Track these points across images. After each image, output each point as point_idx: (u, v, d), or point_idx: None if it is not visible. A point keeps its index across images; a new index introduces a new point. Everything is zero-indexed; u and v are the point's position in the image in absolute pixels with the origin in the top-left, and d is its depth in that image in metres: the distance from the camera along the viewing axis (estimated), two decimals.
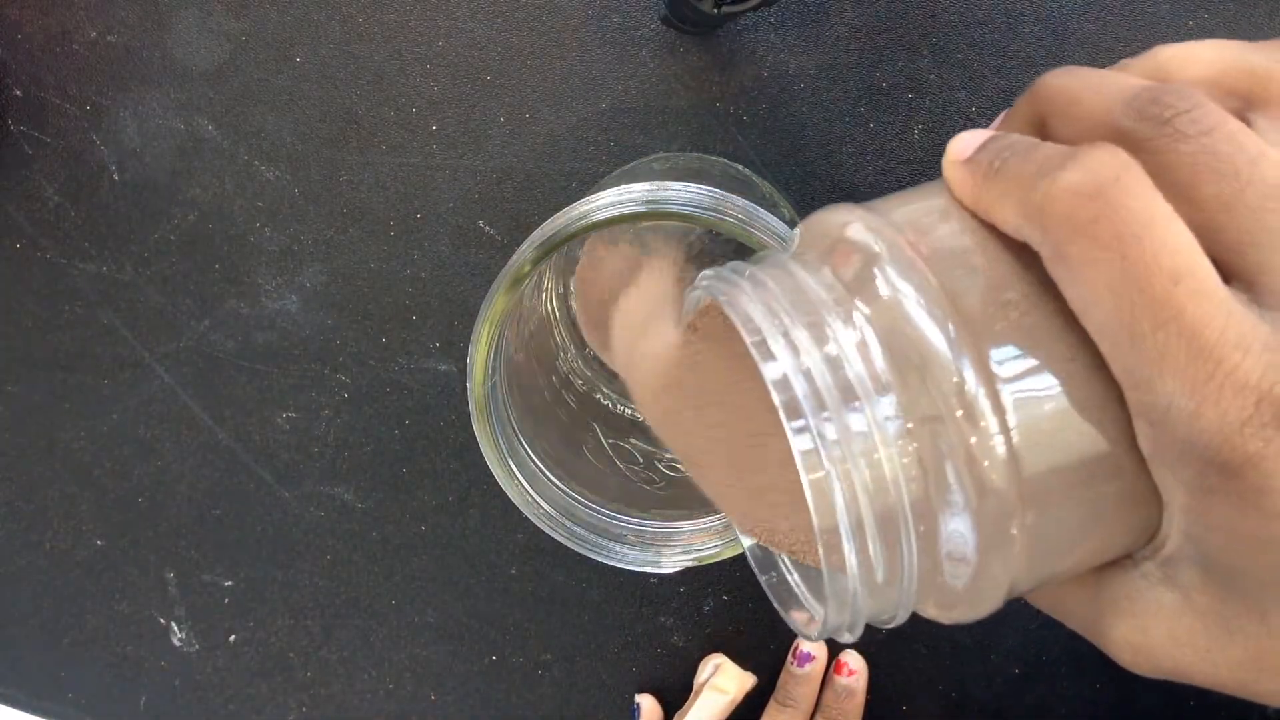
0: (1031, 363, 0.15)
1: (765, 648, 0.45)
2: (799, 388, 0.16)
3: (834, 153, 0.40)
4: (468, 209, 0.41)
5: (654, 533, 0.31)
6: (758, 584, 0.21)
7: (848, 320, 0.16)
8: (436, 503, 0.44)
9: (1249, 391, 0.13)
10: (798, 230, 0.18)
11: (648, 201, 0.26)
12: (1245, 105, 0.16)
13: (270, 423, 0.44)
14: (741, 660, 0.44)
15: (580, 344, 0.41)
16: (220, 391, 0.44)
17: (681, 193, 0.26)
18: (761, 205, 0.27)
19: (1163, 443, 0.14)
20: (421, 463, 0.44)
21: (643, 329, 0.21)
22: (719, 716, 0.42)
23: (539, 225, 0.27)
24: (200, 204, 0.42)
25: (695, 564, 0.30)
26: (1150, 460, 0.15)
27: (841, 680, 0.44)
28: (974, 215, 0.17)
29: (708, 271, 0.18)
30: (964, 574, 0.15)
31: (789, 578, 0.20)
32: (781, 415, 0.16)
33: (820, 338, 0.16)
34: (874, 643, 0.45)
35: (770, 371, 0.16)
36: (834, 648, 0.45)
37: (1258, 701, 0.16)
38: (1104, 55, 0.39)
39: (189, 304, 0.43)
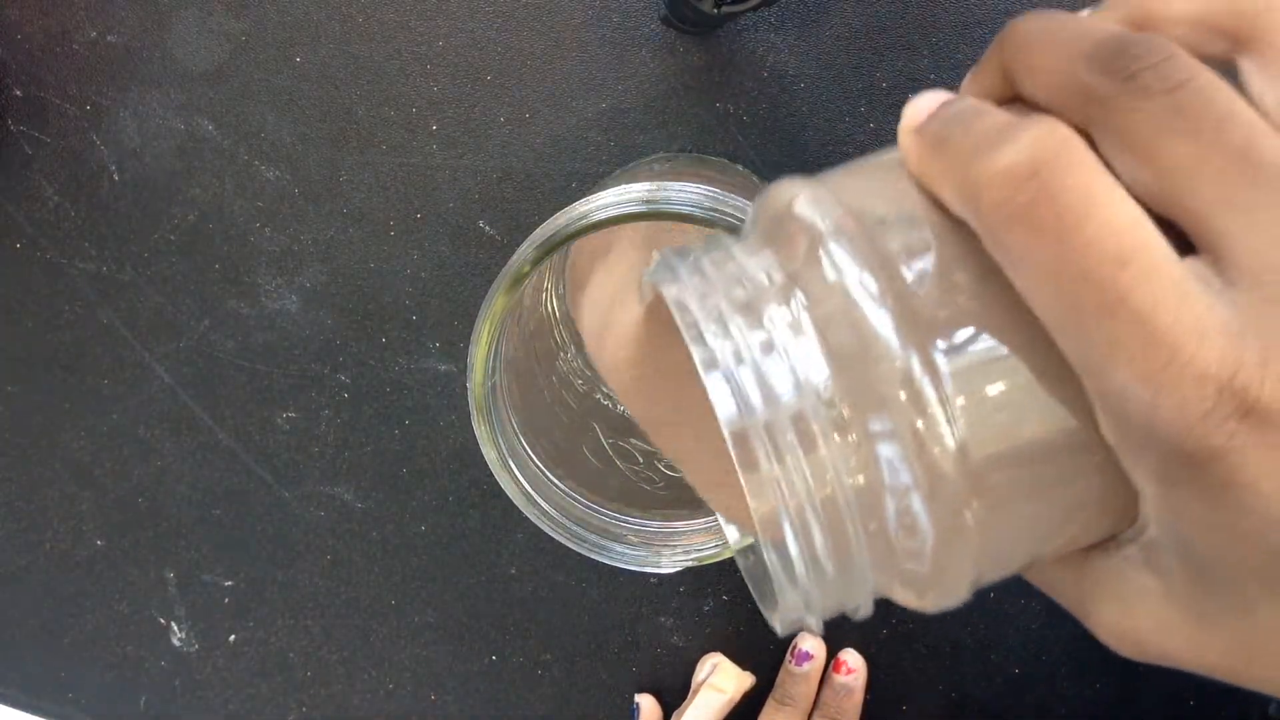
0: (979, 349, 0.14)
1: (765, 647, 0.45)
2: (730, 374, 0.15)
3: (834, 153, 0.40)
4: (468, 209, 0.41)
5: (654, 533, 0.31)
6: None
7: (785, 304, 0.15)
8: (436, 503, 0.44)
9: (1208, 381, 0.12)
10: (753, 204, 0.18)
11: (648, 201, 0.26)
12: (1232, 46, 0.15)
13: (270, 423, 0.44)
14: (741, 660, 0.44)
15: (580, 344, 0.41)
16: (220, 391, 0.44)
17: (681, 193, 0.26)
18: None
19: (1123, 432, 0.14)
20: (421, 463, 0.44)
21: (609, 307, 0.21)
22: (717, 715, 0.42)
23: (539, 225, 0.27)
24: (200, 204, 0.42)
25: (695, 564, 0.30)
26: (1115, 448, 0.14)
27: (840, 679, 0.44)
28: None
29: (657, 254, 0.18)
30: (922, 560, 0.15)
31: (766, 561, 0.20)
32: (713, 403, 0.15)
33: (755, 323, 0.15)
34: (874, 642, 0.45)
35: (700, 357, 0.15)
36: (833, 646, 0.45)
37: (1250, 688, 0.15)
38: None
39: (189, 304, 0.43)
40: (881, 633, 0.45)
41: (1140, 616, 0.15)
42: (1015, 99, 0.16)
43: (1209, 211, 0.13)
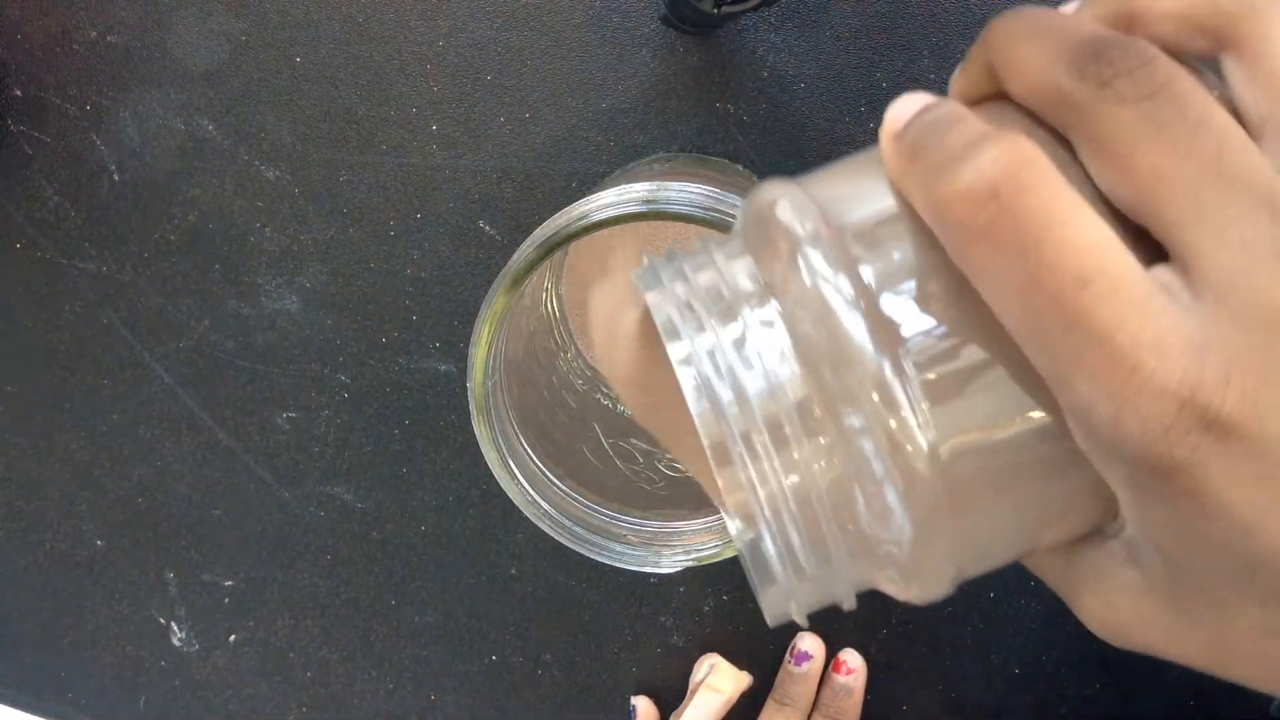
0: (951, 355, 0.15)
1: (765, 647, 0.45)
2: (703, 374, 0.16)
3: (834, 153, 0.40)
4: (468, 209, 0.41)
5: (654, 533, 0.31)
6: None
7: (761, 308, 0.16)
8: (436, 503, 0.44)
9: (1168, 398, 0.13)
10: (745, 206, 0.18)
11: (648, 201, 0.26)
12: (1215, 45, 0.15)
13: (270, 423, 0.44)
14: (741, 660, 0.44)
15: (580, 344, 0.41)
16: (220, 391, 0.44)
17: (681, 193, 0.26)
18: None
19: (1092, 442, 0.14)
20: (421, 463, 0.44)
21: (612, 311, 0.21)
22: (715, 716, 0.42)
23: (539, 225, 0.27)
24: (200, 204, 0.42)
25: (695, 564, 0.30)
26: (1087, 454, 0.14)
27: (840, 679, 0.44)
28: None
29: (646, 260, 0.18)
30: (901, 552, 0.15)
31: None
32: (687, 401, 0.16)
33: (730, 325, 0.16)
34: (874, 642, 0.45)
35: (675, 357, 0.16)
36: (833, 646, 0.45)
37: (1234, 683, 0.15)
38: None
39: (189, 304, 0.43)
40: (881, 633, 0.45)
41: (1122, 609, 0.16)
42: (1003, 96, 0.16)
43: (1178, 223, 0.13)
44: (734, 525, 0.18)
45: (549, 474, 0.31)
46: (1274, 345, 0.13)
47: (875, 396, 0.14)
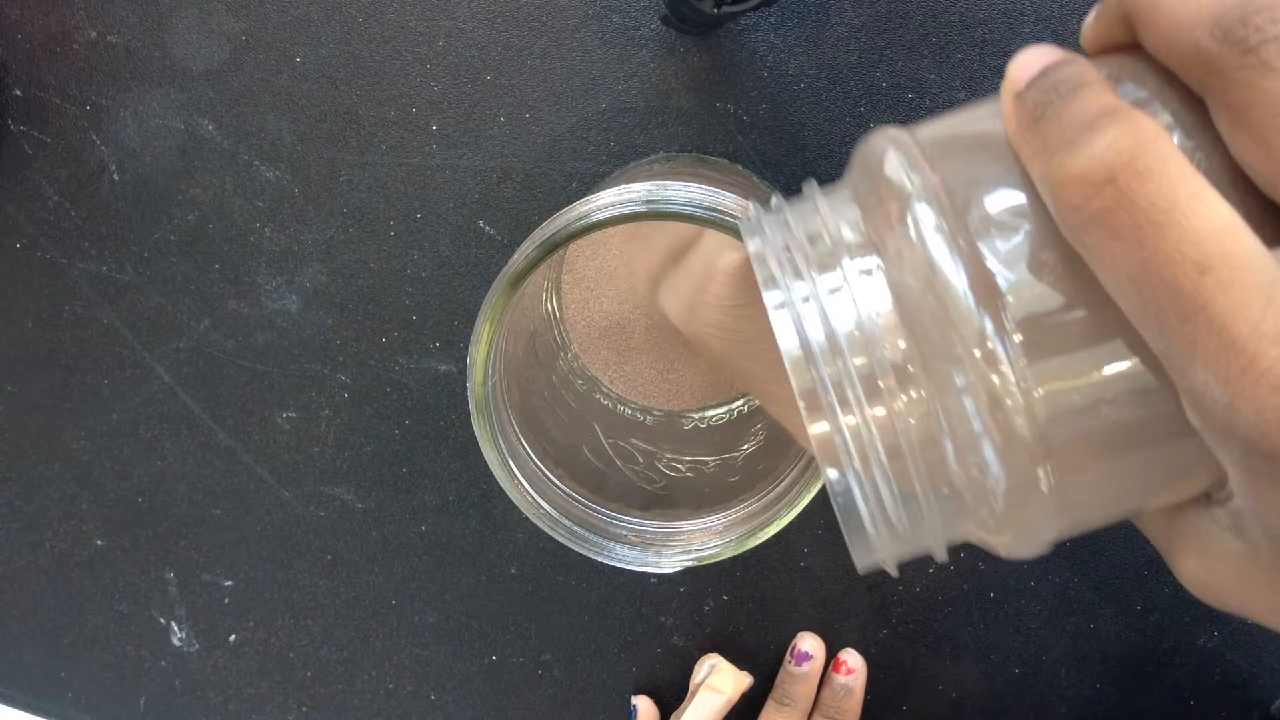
0: (1059, 323, 0.14)
1: (765, 648, 0.45)
2: (797, 319, 0.16)
3: (834, 153, 0.40)
4: (468, 209, 0.41)
5: (654, 533, 0.31)
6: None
7: (863, 258, 0.16)
8: (436, 503, 0.44)
9: None
10: (855, 153, 0.18)
11: (648, 201, 0.26)
12: None
13: (270, 423, 0.44)
14: (741, 660, 0.44)
15: (579, 344, 0.41)
16: (220, 391, 0.44)
17: (681, 193, 0.26)
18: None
19: (1205, 423, 0.14)
20: (421, 463, 0.44)
21: (701, 276, 0.21)
22: (715, 716, 0.42)
23: (539, 225, 0.27)
24: (200, 204, 0.42)
25: (695, 564, 0.30)
26: (1199, 431, 0.14)
27: (840, 679, 0.44)
28: None
29: (750, 206, 0.18)
30: (995, 505, 0.15)
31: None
32: (783, 352, 0.16)
33: (830, 274, 0.16)
34: (874, 642, 0.45)
35: (770, 302, 0.16)
36: (833, 646, 0.45)
37: None
38: None
39: (189, 304, 0.43)
40: (881, 633, 0.45)
41: (1222, 574, 0.15)
42: (1137, 45, 0.16)
43: None
44: (827, 469, 0.18)
45: (549, 474, 0.31)
46: None
47: (977, 353, 0.14)
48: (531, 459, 0.31)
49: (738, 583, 0.44)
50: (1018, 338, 0.14)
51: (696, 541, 0.30)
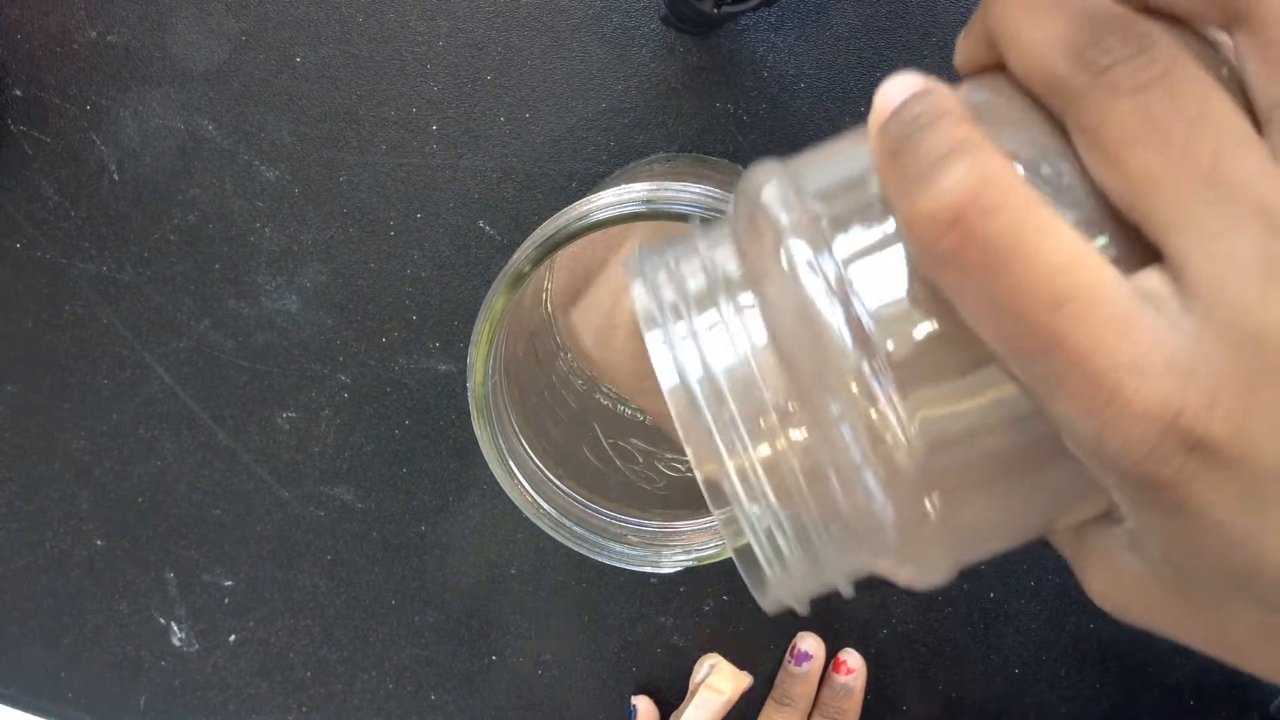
0: (932, 355, 0.14)
1: (765, 648, 0.45)
2: (679, 364, 0.16)
3: None
4: (468, 209, 0.41)
5: (654, 533, 0.31)
6: None
7: (740, 297, 0.16)
8: (436, 503, 0.44)
9: (1150, 420, 0.12)
10: (736, 188, 0.18)
11: (648, 201, 0.26)
12: (1226, 21, 0.14)
13: (270, 423, 0.44)
14: (741, 660, 0.44)
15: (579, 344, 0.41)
16: (220, 391, 0.44)
17: (681, 193, 0.26)
18: None
19: (1080, 452, 0.14)
20: (421, 463, 0.44)
21: (610, 309, 0.21)
22: (715, 716, 0.42)
23: (539, 225, 0.27)
24: (200, 204, 0.42)
25: (695, 564, 0.30)
26: (1079, 459, 0.14)
27: (840, 679, 0.44)
28: None
29: (635, 249, 0.18)
30: (887, 537, 0.15)
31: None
32: (664, 392, 0.16)
33: (708, 315, 0.16)
34: (874, 642, 0.45)
35: (651, 346, 0.16)
36: (833, 646, 0.45)
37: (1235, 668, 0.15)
38: None
39: (189, 304, 0.43)
40: (881, 633, 0.45)
41: (1127, 591, 0.15)
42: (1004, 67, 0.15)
43: (1169, 228, 0.13)
44: (718, 514, 0.18)
45: (549, 474, 0.31)
46: (1259, 365, 0.12)
47: (854, 387, 0.14)
48: (531, 459, 0.31)
49: (738, 583, 0.44)
50: (893, 370, 0.14)
51: (696, 541, 0.30)
